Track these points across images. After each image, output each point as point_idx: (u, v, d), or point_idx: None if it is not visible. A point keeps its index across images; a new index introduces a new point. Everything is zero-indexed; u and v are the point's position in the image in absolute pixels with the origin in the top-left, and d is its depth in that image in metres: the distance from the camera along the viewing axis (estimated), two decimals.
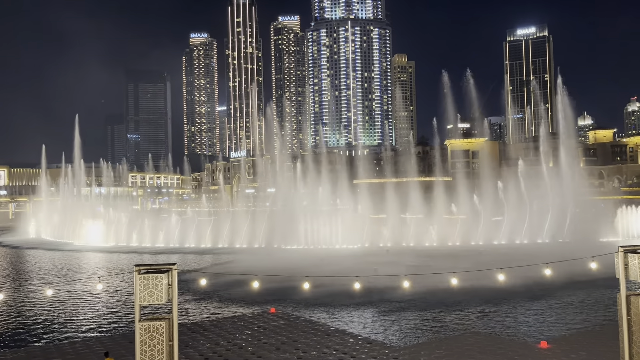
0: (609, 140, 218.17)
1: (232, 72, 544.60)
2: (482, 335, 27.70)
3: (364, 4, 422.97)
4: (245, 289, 44.58)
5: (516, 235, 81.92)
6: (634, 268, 11.53)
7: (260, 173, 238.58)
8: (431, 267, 57.44)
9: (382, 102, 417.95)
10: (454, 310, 35.82)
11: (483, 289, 42.90)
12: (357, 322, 33.55)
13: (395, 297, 40.38)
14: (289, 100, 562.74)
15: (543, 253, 65.57)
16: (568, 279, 46.76)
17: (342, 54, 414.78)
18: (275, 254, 74.23)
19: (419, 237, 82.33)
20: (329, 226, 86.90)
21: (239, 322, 31.60)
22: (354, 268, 57.56)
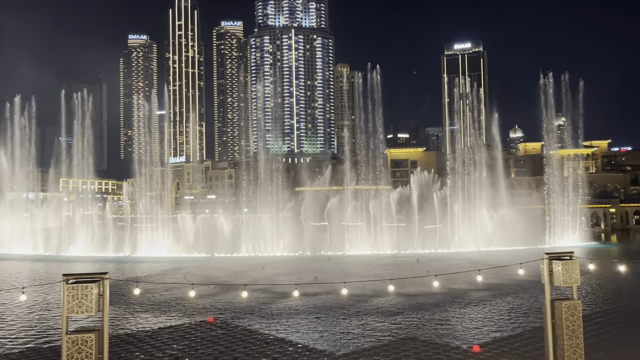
0: (538, 152, 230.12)
1: (172, 76, 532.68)
2: (418, 341, 28.32)
3: (307, 13, 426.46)
4: (183, 299, 43.49)
5: (450, 243, 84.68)
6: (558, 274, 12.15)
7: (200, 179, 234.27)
8: (370, 274, 58.29)
9: (324, 111, 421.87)
10: (392, 317, 36.44)
11: (420, 295, 43.99)
12: (297, 330, 33.44)
13: (335, 304, 40.62)
14: (230, 106, 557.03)
15: (476, 260, 68.17)
16: (499, 285, 48.80)
17: (286, 62, 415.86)
18: (215, 262, 72.96)
19: (359, 245, 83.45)
20: (269, 234, 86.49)
21: (176, 332, 30.74)
22: (294, 276, 57.52)
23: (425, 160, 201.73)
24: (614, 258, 70.50)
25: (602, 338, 27.74)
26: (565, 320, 12.08)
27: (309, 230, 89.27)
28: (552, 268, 12.24)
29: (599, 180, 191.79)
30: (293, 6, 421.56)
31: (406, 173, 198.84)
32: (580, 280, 12.21)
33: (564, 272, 12.10)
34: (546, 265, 12.22)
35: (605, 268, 57.77)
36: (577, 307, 12.14)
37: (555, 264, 12.19)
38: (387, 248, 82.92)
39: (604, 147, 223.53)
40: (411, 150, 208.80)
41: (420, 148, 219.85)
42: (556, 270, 12.20)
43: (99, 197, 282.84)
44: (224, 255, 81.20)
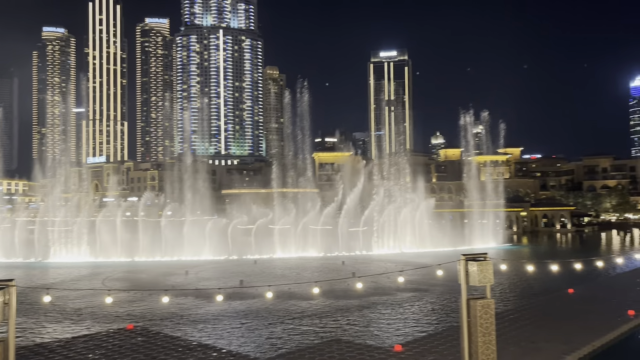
0: (457, 158, 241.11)
1: (92, 72, 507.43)
2: (342, 342, 28.70)
3: (236, 14, 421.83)
4: (100, 306, 41.47)
5: (374, 246, 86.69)
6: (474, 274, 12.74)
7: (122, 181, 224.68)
8: (296, 277, 58.43)
9: (253, 113, 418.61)
10: (317, 319, 36.71)
11: (345, 297, 44.64)
12: (221, 335, 32.85)
13: (261, 308, 40.34)
14: (155, 105, 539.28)
15: (399, 262, 70.27)
16: (420, 285, 50.55)
17: (213, 62, 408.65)
18: (136, 266, 70.21)
19: (286, 248, 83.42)
20: (194, 237, 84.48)
21: (91, 341, 29.22)
22: (219, 280, 56.53)
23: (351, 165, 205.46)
24: (524, 258, 75.21)
25: (513, 334, 29.44)
26: (479, 318, 12.69)
27: (235, 234, 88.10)
28: (468, 268, 12.83)
29: (512, 186, 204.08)
30: (221, 6, 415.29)
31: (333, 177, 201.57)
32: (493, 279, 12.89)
33: (478, 272, 12.72)
34: (462, 266, 12.80)
35: (516, 268, 61.43)
36: (490, 306, 12.80)
37: (471, 264, 12.80)
38: (314, 251, 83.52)
39: (517, 154, 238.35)
40: (338, 155, 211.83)
41: (347, 152, 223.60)
42: (472, 271, 12.80)
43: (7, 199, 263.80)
44: (146, 259, 78.38)
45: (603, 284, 48.59)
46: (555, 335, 28.98)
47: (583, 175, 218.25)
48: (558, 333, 29.50)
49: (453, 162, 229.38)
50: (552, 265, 54.11)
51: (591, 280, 51.43)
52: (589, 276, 53.72)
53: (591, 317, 33.57)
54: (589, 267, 58.49)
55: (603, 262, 62.31)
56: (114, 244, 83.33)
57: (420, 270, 59.43)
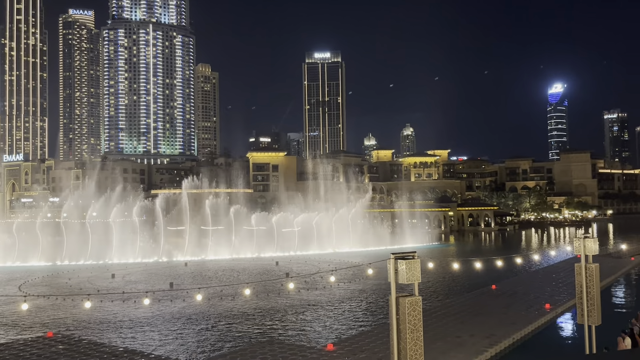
0: (389, 159, 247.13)
1: (8, 64, 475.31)
2: (274, 343, 28.62)
3: (167, 9, 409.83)
4: (17, 313, 38.97)
5: (308, 246, 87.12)
6: (403, 273, 13.09)
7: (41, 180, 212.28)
8: (229, 279, 57.63)
9: (184, 111, 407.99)
10: (249, 321, 36.40)
11: (278, 298, 44.54)
12: (150, 339, 31.81)
13: (191, 311, 39.44)
14: (79, 101, 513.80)
15: (331, 261, 71.02)
16: (352, 284, 51.36)
17: (142, 58, 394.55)
18: (58, 270, 66.55)
19: (219, 249, 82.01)
20: (121, 239, 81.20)
21: (7, 350, 27.38)
22: (148, 283, 54.74)
23: (286, 165, 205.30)
24: (451, 256, 78.27)
25: (439, 330, 30.56)
26: (407, 315, 13.05)
27: (165, 235, 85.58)
28: (397, 267, 13.16)
29: (440, 186, 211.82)
30: (151, 0, 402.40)
31: (267, 177, 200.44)
32: (420, 277, 13.31)
33: (407, 270, 13.07)
34: (392, 264, 13.10)
35: (443, 266, 63.82)
36: (418, 303, 13.19)
37: (400, 263, 13.13)
38: (247, 252, 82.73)
39: (445, 156, 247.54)
40: (273, 155, 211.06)
41: (281, 152, 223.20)
42: (400, 269, 13.13)
43: None
44: (69, 263, 74.49)
45: (523, 280, 51.47)
46: (478, 330, 30.36)
47: (505, 177, 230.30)
48: (481, 327, 30.93)
49: (384, 163, 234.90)
50: (477, 262, 56.79)
51: (512, 276, 54.36)
52: (510, 272, 56.77)
53: (512, 312, 35.46)
54: (510, 263, 61.83)
55: (523, 259, 66.08)
56: (33, 247, 78.48)
57: (352, 269, 60.36)
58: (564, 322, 35.14)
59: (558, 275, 51.46)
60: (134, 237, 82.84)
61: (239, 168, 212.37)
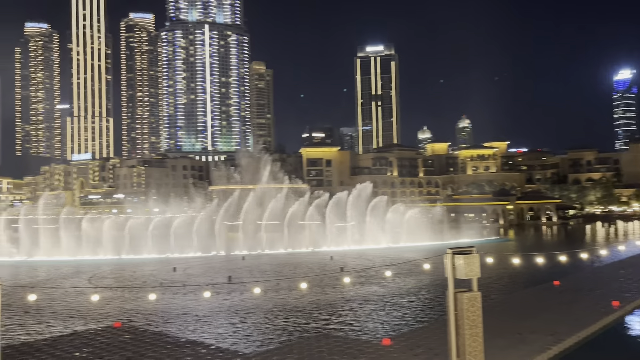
0: (444, 152, 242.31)
1: (75, 68, 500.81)
2: (330, 337, 28.80)
3: (221, 9, 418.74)
4: (87, 304, 41.16)
5: (363, 240, 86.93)
6: (461, 268, 12.87)
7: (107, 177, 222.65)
8: (285, 272, 58.47)
9: (239, 108, 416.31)
10: (305, 314, 36.80)
11: (333, 292, 44.79)
12: (210, 331, 32.82)
13: (249, 304, 40.32)
14: (140, 101, 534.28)
15: (386, 256, 70.63)
16: (406, 278, 50.88)
17: (199, 57, 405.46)
18: (123, 264, 69.73)
19: (273, 244, 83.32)
20: (181, 234, 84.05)
21: (78, 339, 28.99)
22: (207, 276, 56.38)
23: (339, 160, 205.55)
24: (511, 251, 75.99)
25: (499, 326, 29.76)
26: (466, 311, 12.82)
27: (223, 230, 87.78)
28: (455, 262, 12.95)
29: (499, 179, 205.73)
30: (207, 1, 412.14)
31: (321, 172, 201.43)
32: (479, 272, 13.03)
33: (465, 265, 12.84)
34: (449, 259, 12.91)
35: (502, 261, 62.03)
36: (477, 298, 12.93)
37: (458, 258, 12.91)
38: (303, 246, 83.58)
39: (504, 148, 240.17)
40: (326, 150, 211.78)
41: (334, 147, 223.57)
42: (458, 264, 12.92)
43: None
44: (133, 257, 77.85)
45: (588, 276, 49.27)
46: (541, 327, 29.34)
47: (568, 169, 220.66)
48: (544, 324, 29.87)
49: (440, 157, 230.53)
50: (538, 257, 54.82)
51: (576, 271, 52.12)
52: (574, 268, 54.45)
53: (576, 309, 34.03)
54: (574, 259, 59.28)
55: (588, 254, 63.19)
56: (100, 241, 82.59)
57: (408, 264, 59.76)
58: (633, 321, 33.38)
59: (627, 271, 48.88)
60: (193, 231, 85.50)
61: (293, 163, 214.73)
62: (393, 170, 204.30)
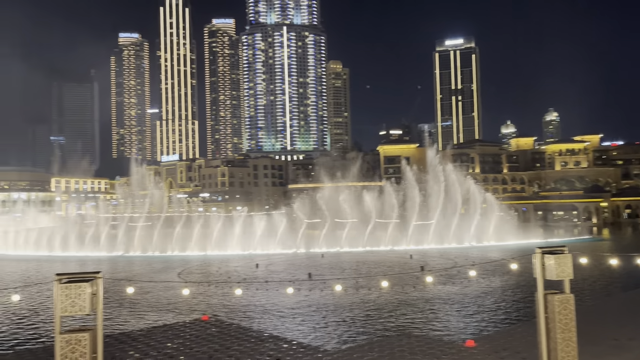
0: (530, 147, 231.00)
1: (164, 74, 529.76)
2: (412, 337, 28.41)
3: (299, 10, 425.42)
4: (177, 297, 43.40)
5: (444, 239, 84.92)
6: (551, 268, 12.24)
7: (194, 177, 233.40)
8: (364, 270, 58.43)
9: (317, 108, 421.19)
10: (386, 313, 36.56)
11: (414, 291, 44.15)
12: (291, 326, 33.51)
13: (330, 301, 40.69)
14: (223, 104, 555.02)
15: (468, 256, 68.54)
16: (490, 279, 49.08)
17: (278, 59, 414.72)
18: (209, 260, 72.84)
19: (352, 241, 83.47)
20: (263, 231, 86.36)
21: (170, 331, 30.65)
22: (288, 273, 57.57)
23: (418, 157, 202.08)
24: (606, 252, 71.10)
25: (593, 331, 27.96)
26: (558, 313, 12.17)
27: (302, 227, 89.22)
28: (545, 262, 12.32)
29: (591, 175, 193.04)
30: (285, 3, 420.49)
31: (399, 169, 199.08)
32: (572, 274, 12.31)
33: (556, 265, 12.19)
34: (538, 259, 12.30)
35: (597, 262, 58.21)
36: (569, 301, 12.23)
37: (548, 258, 12.28)
38: (382, 244, 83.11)
39: (596, 141, 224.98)
40: (404, 147, 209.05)
41: (413, 144, 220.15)
42: (548, 264, 12.28)
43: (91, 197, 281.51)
44: (217, 253, 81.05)
45: None
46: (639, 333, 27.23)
47: None
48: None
49: (525, 152, 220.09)
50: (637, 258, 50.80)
51: None
52: None
53: None
54: None
55: None
56: (188, 238, 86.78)
57: (493, 264, 57.66)
58: None
59: None
60: (274, 229, 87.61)
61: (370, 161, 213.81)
62: (475, 166, 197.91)
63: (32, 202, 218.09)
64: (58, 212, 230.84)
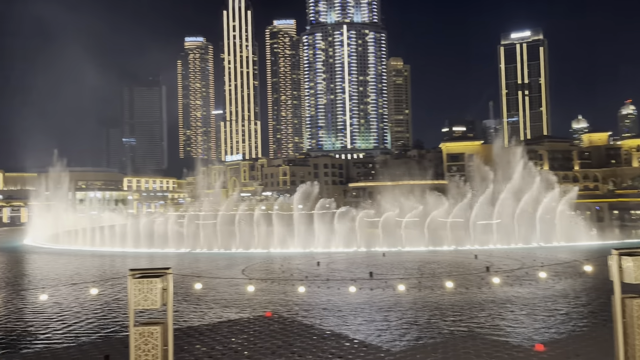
0: (604, 143, 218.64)
1: (227, 76, 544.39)
2: (477, 338, 27.69)
3: (359, 8, 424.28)
4: (241, 293, 44.48)
5: (510, 239, 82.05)
6: (630, 271, 11.55)
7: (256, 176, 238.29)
8: (427, 270, 57.49)
9: (377, 106, 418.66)
10: (450, 314, 35.81)
11: (479, 292, 42.96)
12: (353, 325, 33.50)
13: (391, 301, 40.36)
14: (284, 104, 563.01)
15: (537, 256, 65.83)
16: (561, 281, 46.91)
17: (338, 58, 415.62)
18: (271, 257, 74.12)
19: (413, 241, 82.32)
20: (323, 230, 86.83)
21: (235, 326, 31.50)
22: (349, 271, 57.58)
23: (482, 154, 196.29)
24: None
25: None
26: (637, 318, 11.47)
27: (363, 226, 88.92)
28: (622, 264, 11.63)
29: None
30: (345, 2, 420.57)
31: (463, 167, 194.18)
32: None
33: (635, 268, 11.48)
34: (615, 261, 11.62)
35: None
36: None
37: (625, 259, 11.57)
38: (444, 244, 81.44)
39: None
40: (468, 144, 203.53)
41: (477, 141, 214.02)
42: (626, 267, 11.58)
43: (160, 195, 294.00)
44: (280, 250, 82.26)
45: None
46: None
47: None
48: None
49: (599, 148, 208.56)
50: None
51: None
52: None
53: None
54: None
55: None
56: (251, 236, 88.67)
57: (563, 265, 55.12)
58: None
59: None
60: (334, 227, 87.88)
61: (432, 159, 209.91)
62: (543, 164, 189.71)
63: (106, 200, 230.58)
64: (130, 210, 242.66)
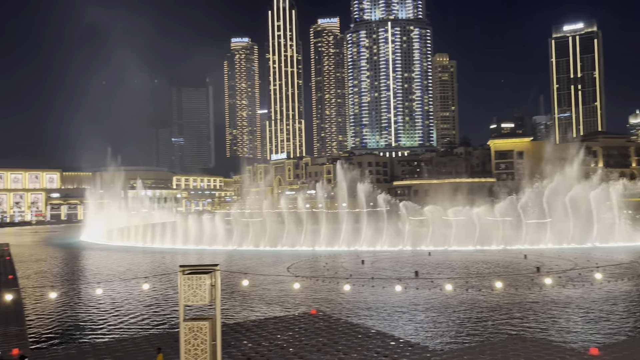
0: None
1: (272, 76, 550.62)
2: (528, 340, 26.94)
3: (404, 4, 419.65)
4: (287, 291, 44.94)
5: (563, 239, 79.32)
6: None
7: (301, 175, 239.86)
8: (474, 270, 56.37)
9: (422, 103, 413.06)
10: (499, 314, 34.99)
11: (530, 293, 41.78)
12: (399, 324, 33.26)
13: (438, 301, 39.81)
14: (328, 102, 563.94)
15: (592, 257, 63.38)
16: (618, 282, 44.99)
17: (382, 55, 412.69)
18: (316, 255, 74.49)
19: (461, 240, 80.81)
20: (368, 228, 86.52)
21: (281, 323, 31.85)
22: (394, 270, 57.15)
23: (532, 151, 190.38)
24: None
25: None
26: None
27: (408, 225, 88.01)
28: None
29: None
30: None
31: (511, 165, 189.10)
32: None
33: None
34: None
35: None
36: None
37: None
38: (493, 243, 79.58)
39: None
40: (517, 141, 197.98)
41: (526, 138, 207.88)
42: None
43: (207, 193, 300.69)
44: (325, 248, 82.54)
45: None
46: None
47: None
48: None
49: None
50: None
51: None
52: None
53: None
54: None
55: None
56: (296, 234, 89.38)
57: (621, 266, 52.89)
58: None
59: None
60: (379, 226, 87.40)
61: (480, 157, 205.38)
62: (598, 161, 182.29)
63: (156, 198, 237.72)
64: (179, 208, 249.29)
